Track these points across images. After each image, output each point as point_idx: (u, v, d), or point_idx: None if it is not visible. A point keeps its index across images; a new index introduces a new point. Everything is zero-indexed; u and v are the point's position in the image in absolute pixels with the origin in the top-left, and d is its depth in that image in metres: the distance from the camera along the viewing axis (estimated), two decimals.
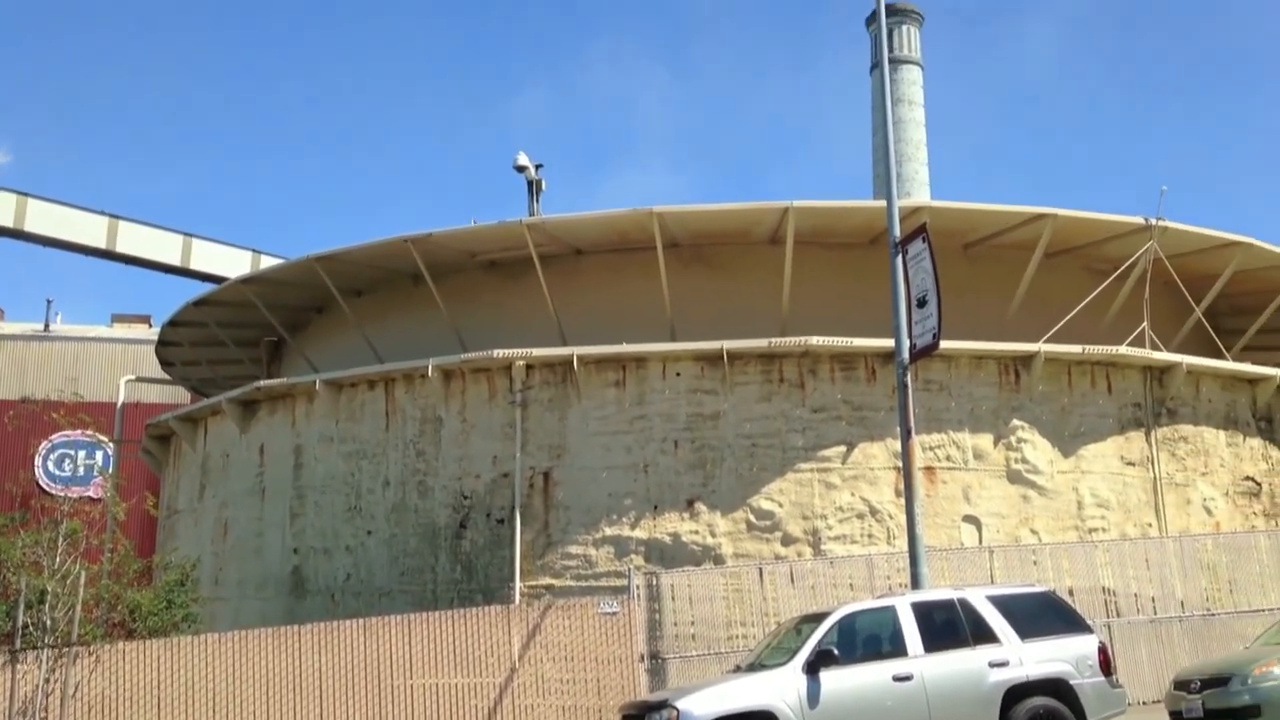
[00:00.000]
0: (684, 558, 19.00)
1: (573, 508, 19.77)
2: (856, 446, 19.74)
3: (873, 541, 19.23)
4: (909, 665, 11.95)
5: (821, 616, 12.58)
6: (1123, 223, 22.38)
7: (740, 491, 19.57)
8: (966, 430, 20.04)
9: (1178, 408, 21.36)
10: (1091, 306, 21.66)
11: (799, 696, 11.57)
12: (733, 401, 19.90)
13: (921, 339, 14.97)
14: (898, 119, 54.57)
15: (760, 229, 23.01)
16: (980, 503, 19.81)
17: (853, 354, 19.94)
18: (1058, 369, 20.60)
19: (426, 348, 22.13)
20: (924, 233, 15.16)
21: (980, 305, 21.55)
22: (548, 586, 19.39)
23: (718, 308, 22.53)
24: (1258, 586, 18.42)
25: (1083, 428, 20.55)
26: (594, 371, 20.29)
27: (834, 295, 22.09)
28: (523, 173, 26.85)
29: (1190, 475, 21.25)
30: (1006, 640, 12.22)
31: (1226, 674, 13.92)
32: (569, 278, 23.53)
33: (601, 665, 15.85)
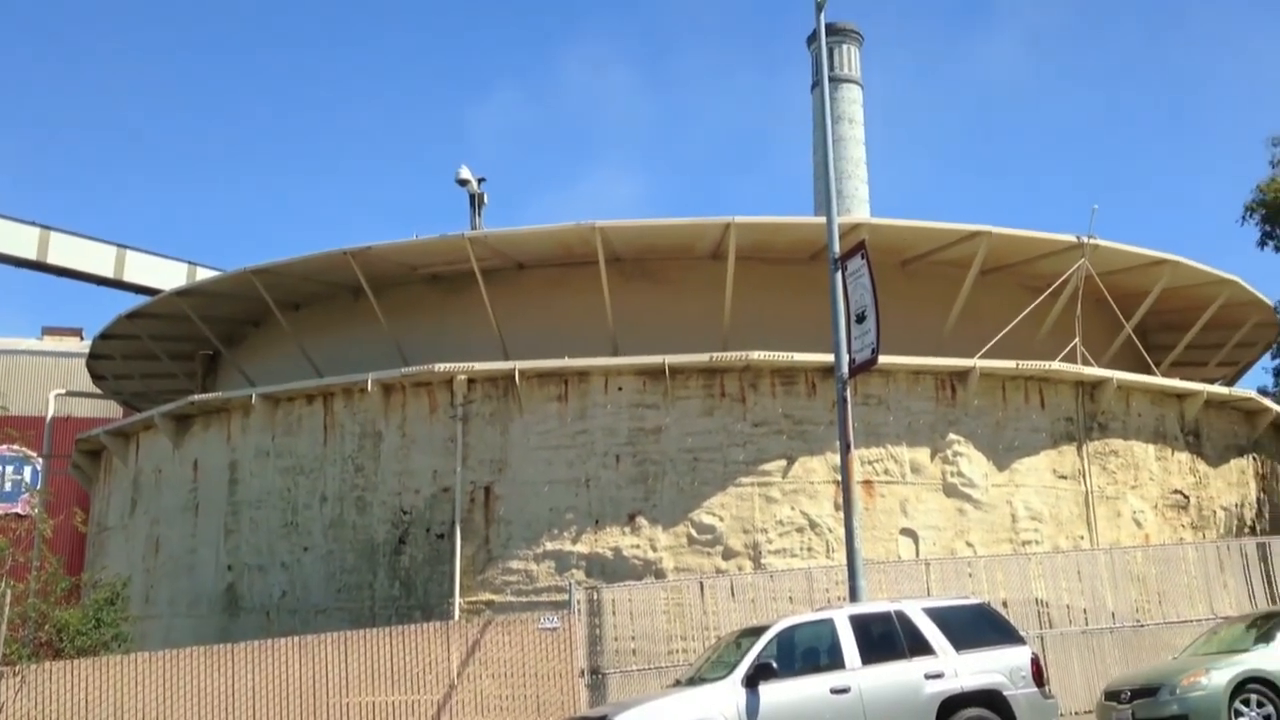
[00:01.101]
0: (625, 572, 18.98)
1: (514, 522, 19.68)
2: (797, 460, 19.88)
3: (812, 555, 19.36)
4: (846, 678, 12.05)
5: (761, 630, 12.64)
6: (1055, 240, 22.86)
7: (682, 505, 19.61)
8: (904, 444, 20.28)
9: (1108, 422, 21.80)
10: (1026, 322, 22.06)
11: (738, 710, 11.62)
12: (674, 416, 19.96)
13: (860, 354, 15.16)
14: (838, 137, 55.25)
15: (702, 244, 23.15)
16: (917, 516, 20.04)
17: (793, 368, 20.10)
18: (993, 384, 20.93)
19: (366, 362, 21.93)
20: (863, 249, 15.35)
21: (918, 321, 21.84)
22: (488, 602, 19.25)
23: (660, 322, 22.61)
24: (1186, 597, 18.81)
25: (1017, 442, 20.89)
26: (536, 385, 20.24)
27: (775, 310, 22.27)
28: (465, 186, 26.76)
29: (1121, 488, 21.69)
30: (942, 652, 12.37)
31: (1155, 684, 14.22)
32: (511, 291, 23.48)
33: (541, 681, 15.76)
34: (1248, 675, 13.79)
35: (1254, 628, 15.14)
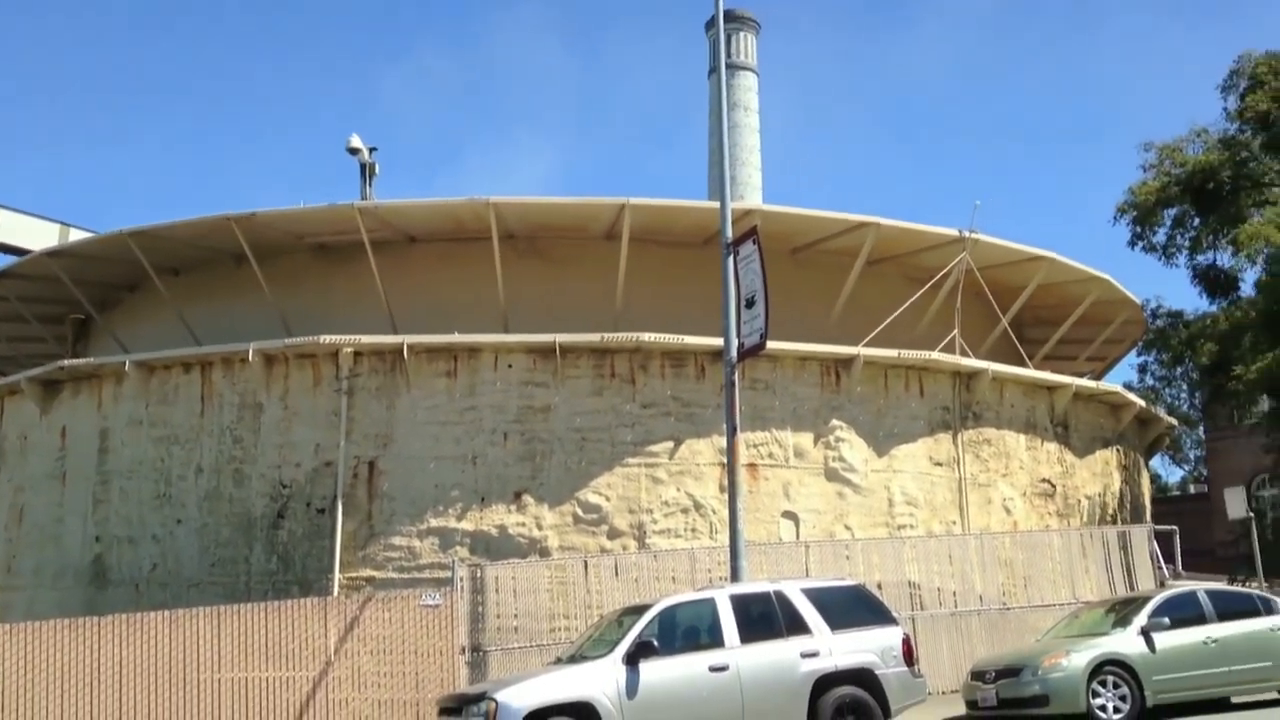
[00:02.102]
0: (510, 550, 18.93)
1: (398, 498, 19.43)
2: (684, 442, 20.06)
3: (696, 536, 19.60)
4: (725, 656, 12.25)
5: (643, 609, 12.75)
6: (939, 234, 23.49)
7: (569, 484, 19.62)
8: (789, 429, 20.63)
9: (983, 412, 22.54)
10: (908, 313, 22.64)
11: (618, 687, 11.71)
12: (564, 395, 19.94)
13: (749, 339, 15.35)
14: (734, 124, 55.72)
15: (597, 224, 23.14)
16: (799, 499, 20.43)
17: (683, 351, 20.26)
18: (875, 372, 21.43)
19: (248, 331, 21.37)
20: (754, 235, 15.53)
21: (806, 308, 22.23)
22: (369, 578, 19.00)
23: (552, 300, 22.57)
24: (1050, 582, 19.61)
25: (896, 429, 21.45)
26: (424, 360, 19.99)
27: (667, 293, 22.42)
28: (355, 155, 26.20)
29: (992, 476, 22.47)
30: (818, 631, 12.66)
31: (1019, 665, 14.78)
32: (401, 264, 23.14)
33: (421, 658, 15.63)
34: (1105, 658, 14.43)
35: (1113, 612, 15.85)
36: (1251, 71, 26.27)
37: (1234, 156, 26.09)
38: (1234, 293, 27.71)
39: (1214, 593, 16.30)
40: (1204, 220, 26.49)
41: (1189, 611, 15.32)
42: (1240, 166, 26.13)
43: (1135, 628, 14.89)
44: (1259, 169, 26.33)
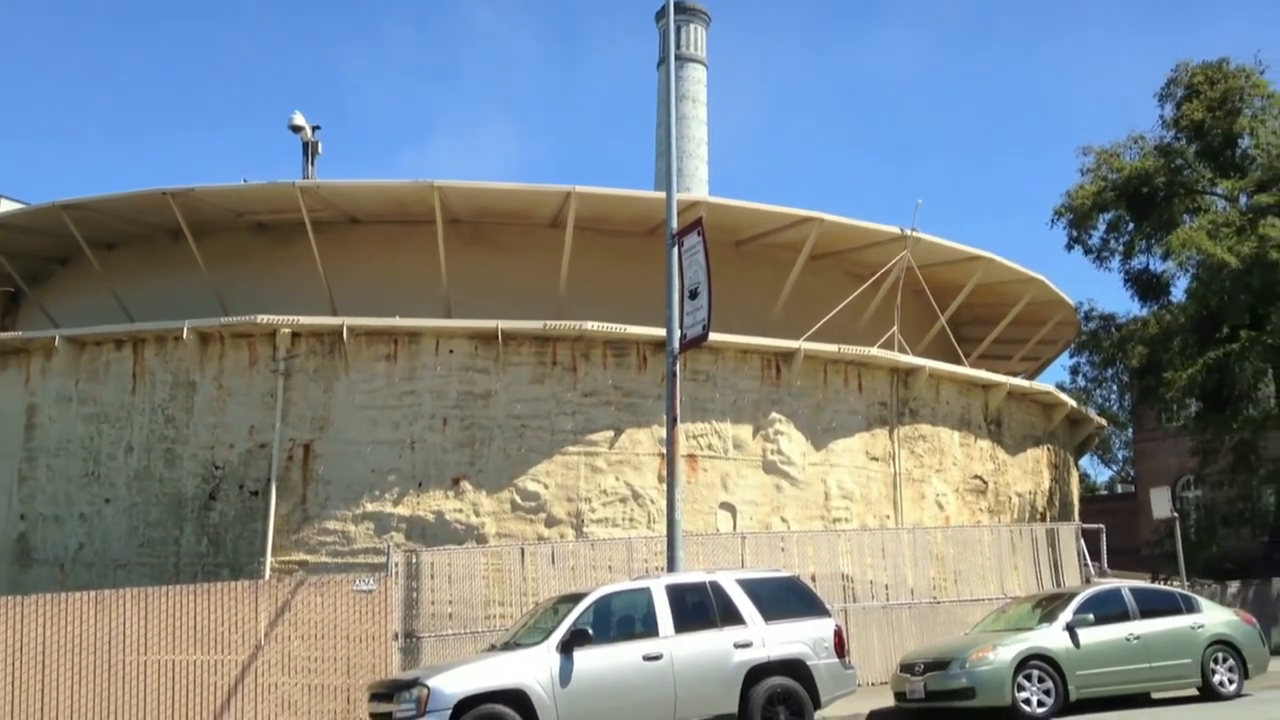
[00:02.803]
0: (447, 536, 18.83)
1: (333, 482, 19.22)
2: (624, 432, 20.09)
3: (634, 525, 19.64)
4: (659, 645, 12.31)
5: (578, 597, 12.77)
6: (881, 231, 23.74)
7: (507, 472, 19.56)
8: (729, 421, 20.74)
9: (919, 408, 22.84)
10: (849, 309, 22.87)
11: (551, 675, 11.72)
12: (505, 381, 19.85)
13: (692, 330, 15.40)
14: (681, 115, 55.70)
15: (542, 211, 23.06)
16: (737, 491, 20.56)
17: (625, 341, 20.26)
18: (815, 366, 21.61)
19: (183, 309, 21.00)
20: (699, 227, 15.57)
21: (748, 301, 22.35)
22: (302, 562, 18.78)
23: (495, 287, 22.44)
24: (980, 577, 19.96)
25: (834, 423, 21.66)
26: (364, 343, 19.78)
27: (611, 282, 22.40)
28: (298, 133, 25.81)
29: (926, 472, 22.79)
30: (752, 622, 12.78)
31: (947, 658, 15.04)
32: (342, 246, 22.88)
33: (353, 643, 15.49)
34: (1031, 652, 14.75)
35: (1039, 608, 16.18)
36: (1188, 81, 26.87)
37: (1169, 163, 26.67)
38: (1165, 297, 28.36)
39: (1138, 590, 16.71)
40: (1138, 225, 27.06)
41: (1113, 608, 15.70)
42: (1175, 173, 26.72)
43: (1061, 623, 15.22)
44: (1192, 176, 26.96)
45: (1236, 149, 26.67)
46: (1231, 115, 25.96)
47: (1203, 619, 16.02)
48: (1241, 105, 26.13)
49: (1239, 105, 26.08)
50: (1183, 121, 26.49)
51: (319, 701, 15.28)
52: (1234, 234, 23.71)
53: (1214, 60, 26.76)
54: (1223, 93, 26.03)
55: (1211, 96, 26.06)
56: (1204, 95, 26.12)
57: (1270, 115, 26.29)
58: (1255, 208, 24.21)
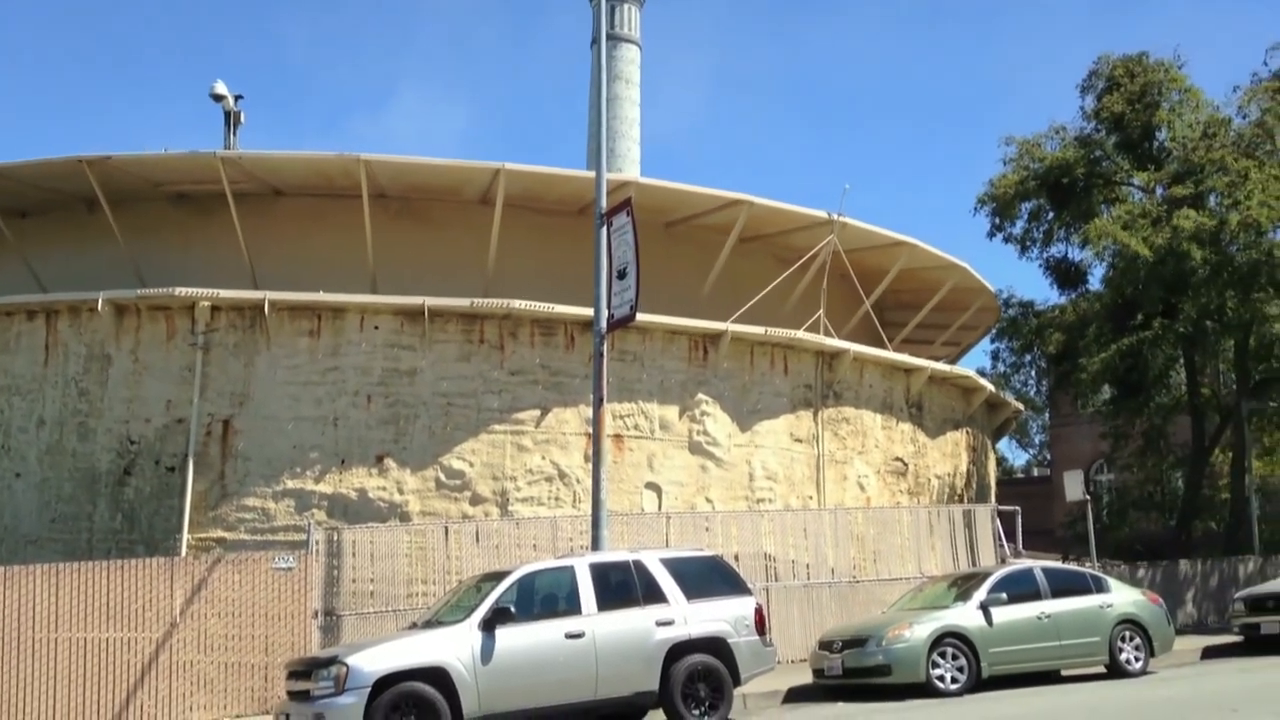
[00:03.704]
0: (370, 514, 18.65)
1: (253, 458, 18.92)
2: (551, 411, 20.06)
3: (560, 504, 19.64)
4: (582, 623, 12.35)
5: (502, 575, 12.74)
6: (808, 215, 23.96)
7: (432, 450, 19.42)
8: (656, 401, 20.82)
9: (843, 391, 23.15)
10: (776, 291, 23.05)
11: (473, 653, 11.69)
12: (431, 359, 19.69)
13: (619, 310, 15.40)
14: (613, 96, 55.54)
15: (471, 188, 22.87)
16: (663, 471, 20.67)
17: (553, 320, 20.21)
18: (742, 348, 21.78)
19: (98, 280, 20.46)
20: (628, 207, 15.57)
21: (677, 282, 22.43)
22: (220, 540, 18.48)
23: (422, 263, 22.23)
24: (899, 557, 20.34)
25: (760, 405, 21.86)
26: (286, 318, 19.46)
27: (539, 261, 22.31)
28: (220, 102, 25.22)
29: (849, 454, 23.12)
30: (674, 600, 12.87)
31: (864, 636, 15.31)
32: (265, 218, 22.47)
33: (272, 621, 15.29)
34: (945, 630, 15.08)
35: (954, 587, 16.54)
36: (1109, 74, 27.40)
37: (1089, 154, 27.18)
38: (1082, 286, 28.96)
39: (1049, 570, 17.14)
40: (1058, 214, 27.57)
41: (1025, 588, 16.10)
42: (1094, 165, 27.26)
43: (975, 602, 15.57)
44: (1111, 168, 27.52)
45: (1154, 141, 27.27)
46: (1150, 108, 26.55)
47: (1111, 599, 16.49)
48: (1160, 99, 26.71)
49: (1157, 99, 26.66)
50: (1103, 113, 27.01)
51: (236, 680, 15.08)
52: (1149, 225, 24.29)
53: (1134, 54, 27.32)
54: (1142, 86, 26.58)
55: (1131, 89, 26.61)
56: (1124, 88, 26.65)
57: (1187, 109, 26.91)
58: (1170, 200, 24.84)
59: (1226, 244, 23.64)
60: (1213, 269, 23.51)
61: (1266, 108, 25.55)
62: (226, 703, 15.02)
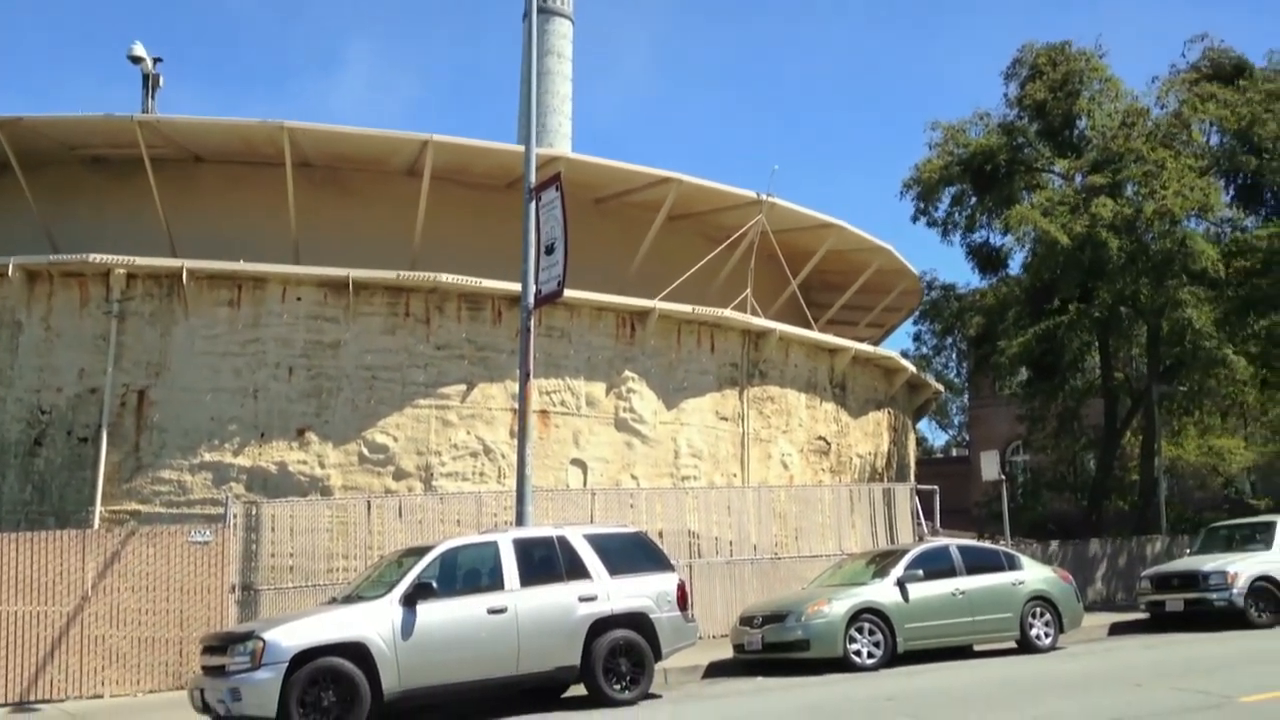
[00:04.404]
0: (290, 488, 18.40)
1: (170, 430, 18.53)
2: (477, 386, 19.94)
3: (484, 480, 19.56)
4: (504, 599, 12.33)
5: (424, 550, 12.66)
6: (738, 195, 24.07)
7: (355, 423, 19.20)
8: (582, 378, 20.81)
9: (768, 370, 23.36)
10: (704, 270, 23.15)
11: (393, 628, 11.62)
12: (355, 331, 19.43)
13: (547, 286, 15.33)
14: (545, 70, 55.10)
15: (398, 159, 22.56)
16: (589, 447, 20.69)
17: (480, 294, 20.06)
18: (669, 326, 21.85)
19: (9, 245, 19.89)
20: (558, 182, 15.48)
21: (606, 259, 22.38)
22: (134, 512, 18.08)
23: (347, 234, 21.91)
24: (820, 534, 20.61)
25: (686, 383, 21.97)
26: (205, 287, 19.05)
27: (467, 234, 22.12)
28: (138, 64, 24.51)
29: (773, 432, 23.36)
30: (597, 576, 12.91)
31: (784, 611, 15.52)
32: (185, 185, 21.95)
33: (187, 596, 15.03)
34: (863, 606, 15.33)
35: (872, 564, 16.82)
36: (1032, 62, 27.88)
37: (1011, 141, 27.66)
38: (1002, 270, 29.54)
39: (965, 548, 17.50)
40: (980, 200, 28.05)
41: (941, 565, 16.42)
42: (1016, 151, 27.75)
43: (892, 579, 15.85)
44: (1032, 155, 28.05)
45: (1074, 130, 27.85)
46: (1071, 97, 27.08)
47: (1023, 576, 16.89)
48: (1081, 87, 27.26)
49: (1079, 87, 27.21)
50: (1026, 101, 27.50)
51: (149, 654, 14.81)
52: (1068, 212, 24.81)
53: (1057, 42, 27.86)
54: (1064, 74, 27.10)
55: (1053, 78, 27.11)
56: (1046, 76, 27.15)
57: (1107, 98, 27.49)
58: (1089, 188, 25.38)
59: (1142, 232, 24.25)
60: (1128, 256, 24.10)
61: (1184, 99, 26.20)
62: (140, 677, 14.75)
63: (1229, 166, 26.36)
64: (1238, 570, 19.02)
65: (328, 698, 11.12)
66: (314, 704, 11.08)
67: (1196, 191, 24.11)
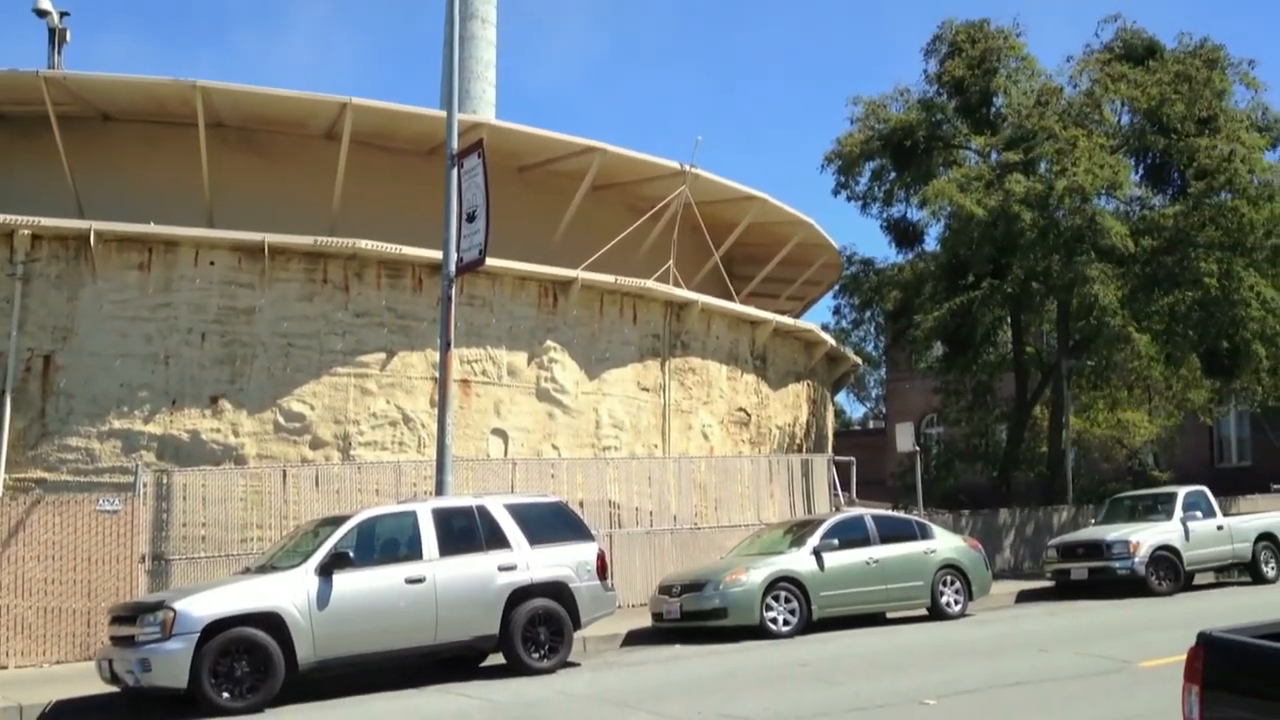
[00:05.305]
0: (203, 456, 18.04)
1: (77, 396, 18.02)
2: (396, 355, 19.72)
3: (404, 449, 19.40)
4: (423, 568, 12.29)
5: (341, 520, 12.55)
6: (662, 165, 24.08)
7: (271, 391, 18.87)
8: (504, 347, 20.71)
9: (690, 341, 23.48)
10: (628, 241, 23.14)
11: (309, 598, 11.51)
12: (271, 298, 19.05)
13: (469, 254, 15.22)
14: (468, 35, 54.25)
15: (317, 122, 22.11)
16: (510, 417, 20.62)
17: (401, 262, 19.81)
18: (592, 296, 21.81)
19: None
20: (480, 149, 15.34)
21: (529, 228, 22.25)
22: (39, 480, 17.57)
23: (263, 198, 21.43)
24: (739, 504, 20.87)
25: (608, 353, 21.99)
26: (115, 250, 18.50)
27: (387, 201, 21.81)
28: (44, 18, 23.59)
29: (695, 404, 23.52)
30: (517, 546, 12.92)
31: (703, 581, 15.72)
32: (94, 144, 21.27)
33: (96, 565, 14.70)
34: (779, 575, 15.60)
35: (790, 533, 17.10)
36: (951, 39, 28.23)
37: (930, 117, 28.02)
38: (919, 245, 30.01)
39: (879, 518, 17.89)
40: (899, 175, 28.40)
41: (856, 534, 16.77)
42: (935, 127, 28.12)
43: (808, 548, 16.14)
44: (950, 131, 28.45)
45: (991, 107, 28.27)
46: (989, 74, 27.49)
47: (935, 545, 17.31)
48: (998, 65, 27.67)
49: (996, 65, 27.61)
50: (944, 77, 27.84)
51: (56, 625, 14.47)
52: (983, 188, 25.24)
53: (976, 20, 28.23)
54: (982, 52, 27.48)
55: (972, 55, 27.48)
56: (965, 53, 27.50)
57: (1023, 76, 27.98)
58: (1003, 164, 25.84)
59: (1053, 208, 24.76)
60: (1040, 232, 24.63)
61: (1096, 79, 26.76)
62: (46, 648, 14.41)
63: (1138, 146, 27.03)
64: (1140, 540, 19.72)
65: (240, 668, 11.00)
66: (226, 674, 10.96)
67: (1107, 169, 24.70)
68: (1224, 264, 24.69)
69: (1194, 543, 20.21)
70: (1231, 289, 24.61)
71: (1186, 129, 25.85)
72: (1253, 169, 25.38)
